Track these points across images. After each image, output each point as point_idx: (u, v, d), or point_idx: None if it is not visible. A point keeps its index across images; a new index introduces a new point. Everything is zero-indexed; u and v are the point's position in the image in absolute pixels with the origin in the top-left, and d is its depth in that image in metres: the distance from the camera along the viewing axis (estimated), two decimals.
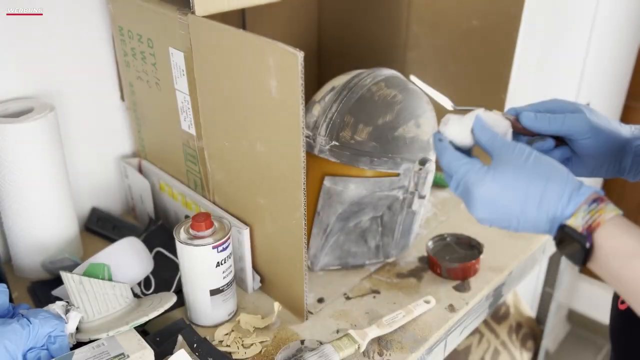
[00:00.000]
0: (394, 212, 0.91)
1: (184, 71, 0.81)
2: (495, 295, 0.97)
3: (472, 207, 0.59)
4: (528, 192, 0.56)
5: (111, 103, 1.01)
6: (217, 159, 0.85)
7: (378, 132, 0.86)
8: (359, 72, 0.92)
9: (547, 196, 0.55)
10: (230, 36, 0.71)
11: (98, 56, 0.97)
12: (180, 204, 0.96)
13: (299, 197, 0.72)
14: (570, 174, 0.57)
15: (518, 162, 0.57)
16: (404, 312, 0.83)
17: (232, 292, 0.82)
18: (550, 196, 0.55)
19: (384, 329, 0.80)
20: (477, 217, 0.60)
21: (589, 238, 0.53)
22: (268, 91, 0.69)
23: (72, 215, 0.93)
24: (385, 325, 0.80)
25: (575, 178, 0.57)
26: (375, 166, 0.87)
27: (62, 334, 0.70)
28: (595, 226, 0.53)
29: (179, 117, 0.88)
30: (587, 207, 0.54)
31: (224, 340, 0.79)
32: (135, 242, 0.87)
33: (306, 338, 0.79)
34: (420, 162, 0.89)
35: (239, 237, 0.84)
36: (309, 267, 0.92)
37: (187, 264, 0.78)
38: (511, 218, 0.57)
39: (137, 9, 0.86)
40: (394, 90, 0.89)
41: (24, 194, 0.85)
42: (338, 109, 0.87)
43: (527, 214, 0.56)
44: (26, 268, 0.91)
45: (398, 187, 0.89)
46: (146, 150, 1.03)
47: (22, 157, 0.83)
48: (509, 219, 0.58)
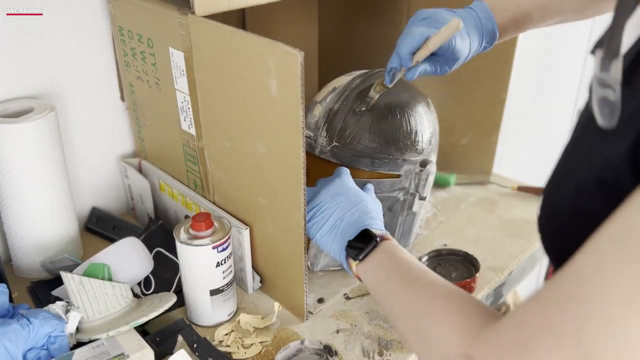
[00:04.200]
0: (395, 213, 0.91)
1: (184, 71, 0.81)
2: (495, 295, 0.97)
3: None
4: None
5: (111, 103, 1.01)
6: (217, 159, 0.85)
7: (379, 134, 0.86)
8: (361, 73, 0.92)
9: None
10: (230, 36, 0.71)
11: (98, 56, 0.97)
12: (180, 204, 0.96)
13: (299, 197, 0.72)
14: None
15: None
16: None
17: (232, 292, 0.82)
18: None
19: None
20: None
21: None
22: (268, 91, 0.69)
23: (72, 215, 0.93)
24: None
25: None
26: (376, 167, 0.87)
27: (62, 334, 0.70)
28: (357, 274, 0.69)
29: (179, 117, 0.88)
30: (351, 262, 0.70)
31: (224, 340, 0.79)
32: (135, 242, 0.87)
33: (306, 338, 0.79)
34: (421, 164, 0.89)
35: (239, 237, 0.84)
36: (308, 267, 0.92)
37: (187, 264, 0.78)
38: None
39: (137, 9, 0.86)
40: (395, 91, 0.89)
41: (24, 194, 0.85)
42: (339, 109, 0.87)
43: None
44: (26, 268, 0.91)
45: (399, 189, 0.89)
46: (146, 150, 1.03)
47: (22, 157, 0.83)
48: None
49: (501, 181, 1.21)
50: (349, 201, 0.75)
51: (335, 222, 0.74)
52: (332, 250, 0.74)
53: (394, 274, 0.63)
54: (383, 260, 0.66)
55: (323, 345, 0.78)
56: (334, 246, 0.73)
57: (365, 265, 0.67)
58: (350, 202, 0.75)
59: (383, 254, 0.67)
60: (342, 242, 0.71)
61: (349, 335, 0.81)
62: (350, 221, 0.73)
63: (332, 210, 0.74)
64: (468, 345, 0.47)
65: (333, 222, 0.74)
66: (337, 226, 0.73)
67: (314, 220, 0.75)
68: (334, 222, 0.74)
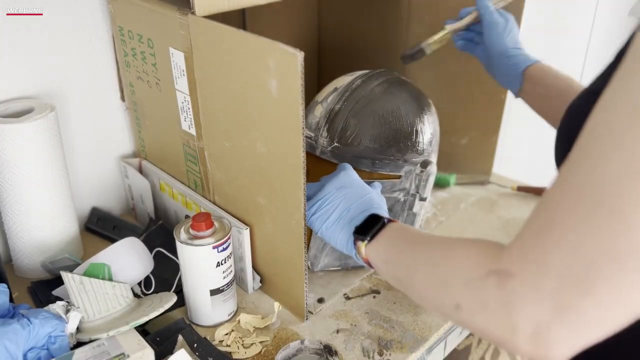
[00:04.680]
0: (395, 214, 0.91)
1: (184, 71, 0.81)
2: None
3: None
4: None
5: (111, 103, 1.01)
6: (217, 159, 0.85)
7: (380, 135, 0.86)
8: (362, 73, 0.91)
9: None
10: (230, 36, 0.71)
11: (98, 56, 0.97)
12: (181, 204, 0.96)
13: (299, 197, 0.72)
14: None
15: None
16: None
17: (232, 292, 0.82)
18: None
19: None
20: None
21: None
22: (268, 91, 0.69)
23: (72, 215, 0.93)
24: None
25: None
26: (377, 168, 0.87)
27: (62, 334, 0.70)
28: (366, 260, 0.68)
29: (179, 117, 0.88)
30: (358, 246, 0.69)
31: (224, 340, 0.79)
32: (136, 242, 0.87)
33: (306, 338, 0.80)
34: (422, 165, 0.89)
35: (239, 237, 0.84)
36: (309, 267, 0.92)
37: (187, 264, 0.78)
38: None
39: (137, 9, 0.86)
40: (396, 92, 0.89)
41: (24, 194, 0.85)
42: (340, 110, 0.87)
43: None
44: (26, 268, 0.91)
45: (399, 190, 0.89)
46: (146, 150, 1.03)
47: (22, 157, 0.83)
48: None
49: (501, 181, 1.21)
50: (355, 193, 0.75)
51: (342, 213, 0.73)
52: (338, 241, 0.73)
53: (406, 241, 0.63)
54: (393, 235, 0.65)
55: (323, 345, 0.78)
56: (341, 236, 0.72)
57: (375, 243, 0.66)
58: (356, 193, 0.74)
59: (392, 231, 0.66)
60: (349, 230, 0.71)
61: (349, 335, 0.81)
62: (357, 211, 0.72)
63: (338, 202, 0.74)
64: (493, 262, 0.46)
65: (339, 214, 0.73)
66: (344, 217, 0.72)
67: (318, 213, 0.74)
68: (340, 213, 0.73)
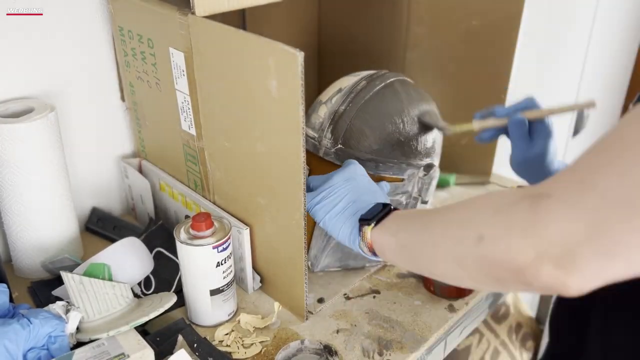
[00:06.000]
0: None
1: (184, 71, 0.81)
2: (495, 295, 0.97)
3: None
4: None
5: (111, 103, 1.01)
6: (217, 159, 0.85)
7: (384, 137, 0.86)
8: (367, 75, 0.91)
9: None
10: (230, 36, 0.71)
11: (98, 56, 0.97)
12: (181, 204, 0.96)
13: (299, 197, 0.72)
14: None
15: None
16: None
17: (232, 292, 0.82)
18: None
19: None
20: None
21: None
22: (268, 91, 0.69)
23: (72, 215, 0.93)
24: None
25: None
26: (380, 171, 0.87)
27: (62, 334, 0.70)
28: (370, 246, 0.67)
29: (179, 117, 0.88)
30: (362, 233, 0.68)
31: (224, 340, 0.79)
32: (136, 242, 0.87)
33: (306, 338, 0.80)
34: (425, 169, 0.89)
35: (239, 237, 0.84)
36: (309, 267, 0.92)
37: (187, 264, 0.78)
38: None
39: (137, 9, 0.86)
40: (401, 94, 0.88)
41: (24, 194, 0.85)
42: (345, 112, 0.87)
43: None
44: (26, 268, 0.91)
45: (402, 192, 0.89)
46: (146, 150, 1.03)
47: (22, 157, 0.83)
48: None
49: (501, 181, 1.21)
50: (362, 186, 0.74)
51: (347, 205, 0.73)
52: (340, 232, 0.72)
53: (419, 212, 0.62)
54: (400, 214, 0.65)
55: (323, 345, 0.78)
56: (344, 227, 0.71)
57: (381, 228, 0.66)
58: (363, 186, 0.74)
59: (397, 216, 0.65)
60: (354, 220, 0.70)
61: (349, 335, 0.81)
62: (363, 204, 0.72)
63: (345, 193, 0.74)
64: (530, 189, 0.47)
65: (345, 205, 0.73)
66: (349, 207, 0.72)
67: (322, 202, 0.74)
68: (345, 204, 0.73)
